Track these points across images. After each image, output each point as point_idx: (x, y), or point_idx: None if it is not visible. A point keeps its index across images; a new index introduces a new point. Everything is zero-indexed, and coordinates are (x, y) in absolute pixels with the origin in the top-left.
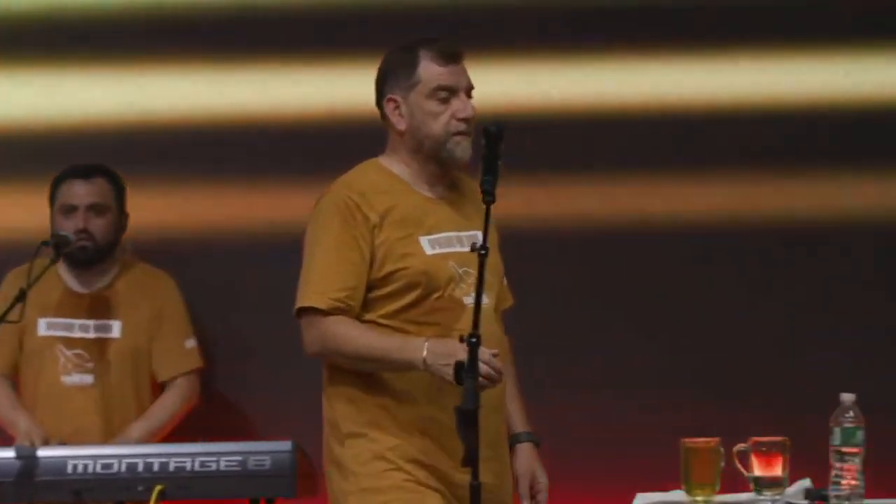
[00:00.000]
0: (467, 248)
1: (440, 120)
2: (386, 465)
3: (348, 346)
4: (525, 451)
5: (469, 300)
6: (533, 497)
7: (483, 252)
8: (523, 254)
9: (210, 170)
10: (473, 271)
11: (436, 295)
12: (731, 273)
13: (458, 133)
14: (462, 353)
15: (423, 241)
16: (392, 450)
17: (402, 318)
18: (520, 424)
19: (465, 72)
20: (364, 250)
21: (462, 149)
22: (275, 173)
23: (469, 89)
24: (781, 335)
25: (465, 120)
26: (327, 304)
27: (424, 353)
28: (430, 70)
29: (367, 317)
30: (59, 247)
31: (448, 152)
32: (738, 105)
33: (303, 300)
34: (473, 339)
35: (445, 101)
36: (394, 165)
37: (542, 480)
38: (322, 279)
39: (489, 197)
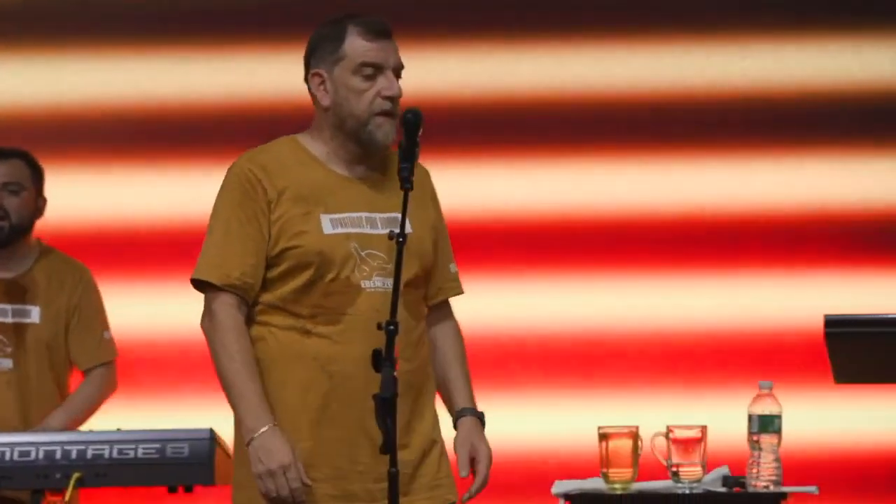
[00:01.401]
0: (379, 230)
1: (364, 97)
2: None
3: (221, 362)
4: (466, 424)
5: (368, 284)
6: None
7: (402, 240)
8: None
9: (139, 157)
10: (380, 253)
11: (329, 276)
12: (651, 260)
13: (382, 113)
14: (285, 458)
15: (324, 219)
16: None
17: (298, 301)
18: (462, 401)
19: (394, 49)
20: (263, 226)
21: (383, 132)
22: (203, 160)
23: (398, 68)
24: (700, 322)
25: (390, 98)
26: (221, 279)
27: (252, 437)
28: (356, 45)
29: (266, 298)
30: None
31: (368, 134)
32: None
33: (198, 272)
34: (391, 327)
35: (371, 78)
36: (311, 142)
37: (483, 450)
38: (219, 253)
39: (407, 184)
